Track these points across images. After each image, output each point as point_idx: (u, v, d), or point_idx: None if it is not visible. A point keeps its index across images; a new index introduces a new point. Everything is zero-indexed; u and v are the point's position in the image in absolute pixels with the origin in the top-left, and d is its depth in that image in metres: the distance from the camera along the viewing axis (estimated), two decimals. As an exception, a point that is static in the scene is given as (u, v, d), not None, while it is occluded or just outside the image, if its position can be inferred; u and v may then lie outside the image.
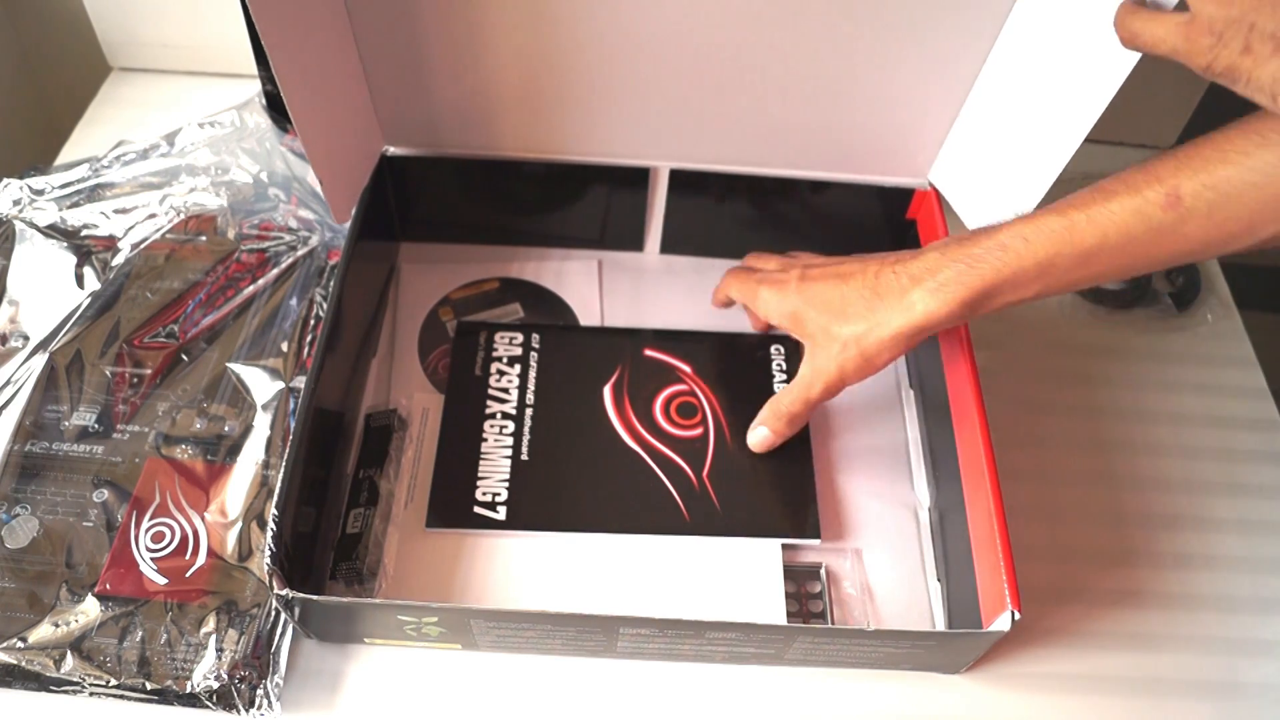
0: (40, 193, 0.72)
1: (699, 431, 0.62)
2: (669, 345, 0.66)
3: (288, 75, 0.51)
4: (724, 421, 0.63)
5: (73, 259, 0.68)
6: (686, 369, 0.65)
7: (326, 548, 0.57)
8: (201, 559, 0.55)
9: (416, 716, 0.53)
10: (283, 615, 0.53)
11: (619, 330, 0.68)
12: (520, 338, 0.66)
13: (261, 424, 0.61)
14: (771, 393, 0.61)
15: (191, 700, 0.51)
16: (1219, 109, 0.85)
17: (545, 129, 0.64)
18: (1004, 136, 0.59)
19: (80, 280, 0.67)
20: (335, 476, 0.59)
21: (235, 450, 0.59)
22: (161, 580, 0.54)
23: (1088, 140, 0.87)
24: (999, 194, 0.60)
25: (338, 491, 0.59)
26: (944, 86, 0.60)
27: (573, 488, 0.60)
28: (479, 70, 0.61)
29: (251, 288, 0.67)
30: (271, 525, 0.48)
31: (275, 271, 0.68)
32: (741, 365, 0.66)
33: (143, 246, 0.69)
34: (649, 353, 0.66)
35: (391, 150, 0.66)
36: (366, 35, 0.59)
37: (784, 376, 0.65)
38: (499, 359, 0.65)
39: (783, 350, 0.66)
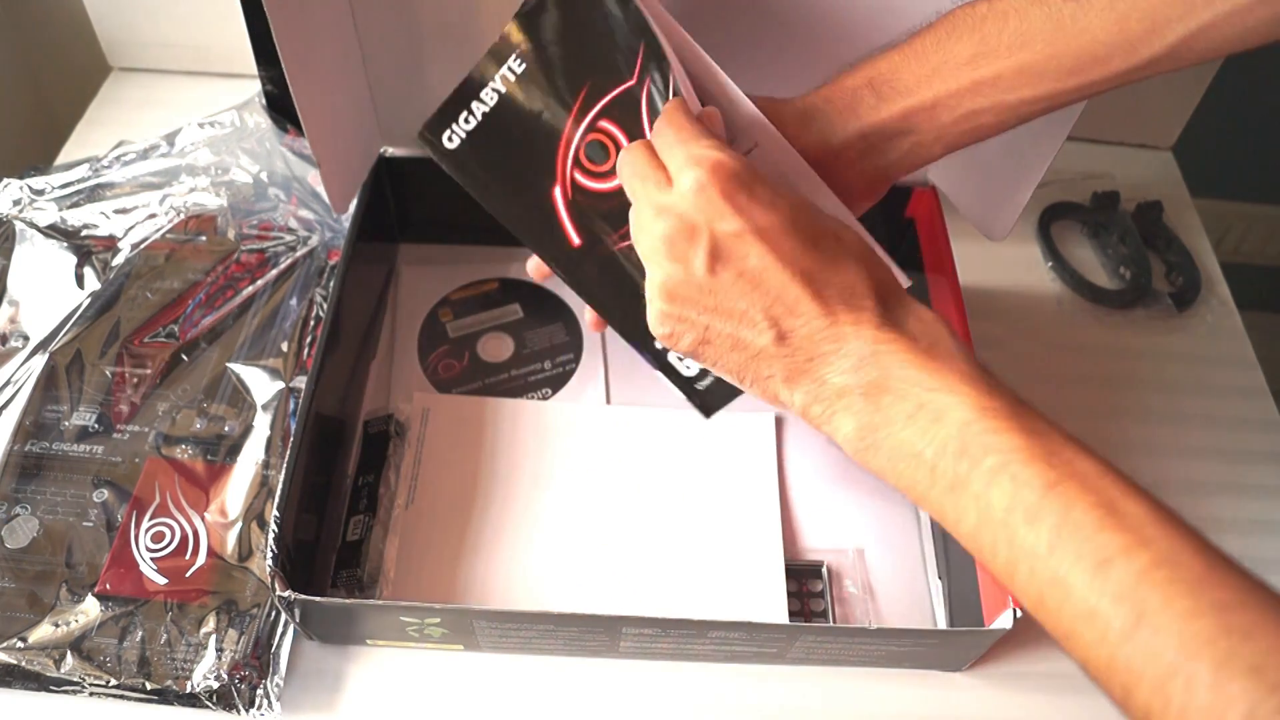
0: (40, 193, 0.72)
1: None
2: None
3: (293, 61, 0.51)
4: None
5: (73, 259, 0.67)
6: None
7: (328, 554, 0.57)
8: (201, 559, 0.55)
9: (418, 717, 0.53)
10: (283, 615, 0.53)
11: None
12: None
13: (261, 424, 0.61)
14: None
15: (191, 700, 0.51)
16: (1219, 110, 0.85)
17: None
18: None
19: (80, 280, 0.67)
20: (335, 482, 0.59)
21: (235, 450, 0.59)
22: (161, 580, 0.54)
23: (1089, 141, 0.87)
24: (995, 190, 0.60)
25: (338, 497, 0.59)
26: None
27: None
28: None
29: (251, 288, 0.67)
30: (273, 527, 0.48)
31: (275, 271, 0.68)
32: None
33: (143, 246, 0.69)
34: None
35: (390, 151, 0.66)
36: (368, 32, 0.59)
37: None
38: None
39: None
